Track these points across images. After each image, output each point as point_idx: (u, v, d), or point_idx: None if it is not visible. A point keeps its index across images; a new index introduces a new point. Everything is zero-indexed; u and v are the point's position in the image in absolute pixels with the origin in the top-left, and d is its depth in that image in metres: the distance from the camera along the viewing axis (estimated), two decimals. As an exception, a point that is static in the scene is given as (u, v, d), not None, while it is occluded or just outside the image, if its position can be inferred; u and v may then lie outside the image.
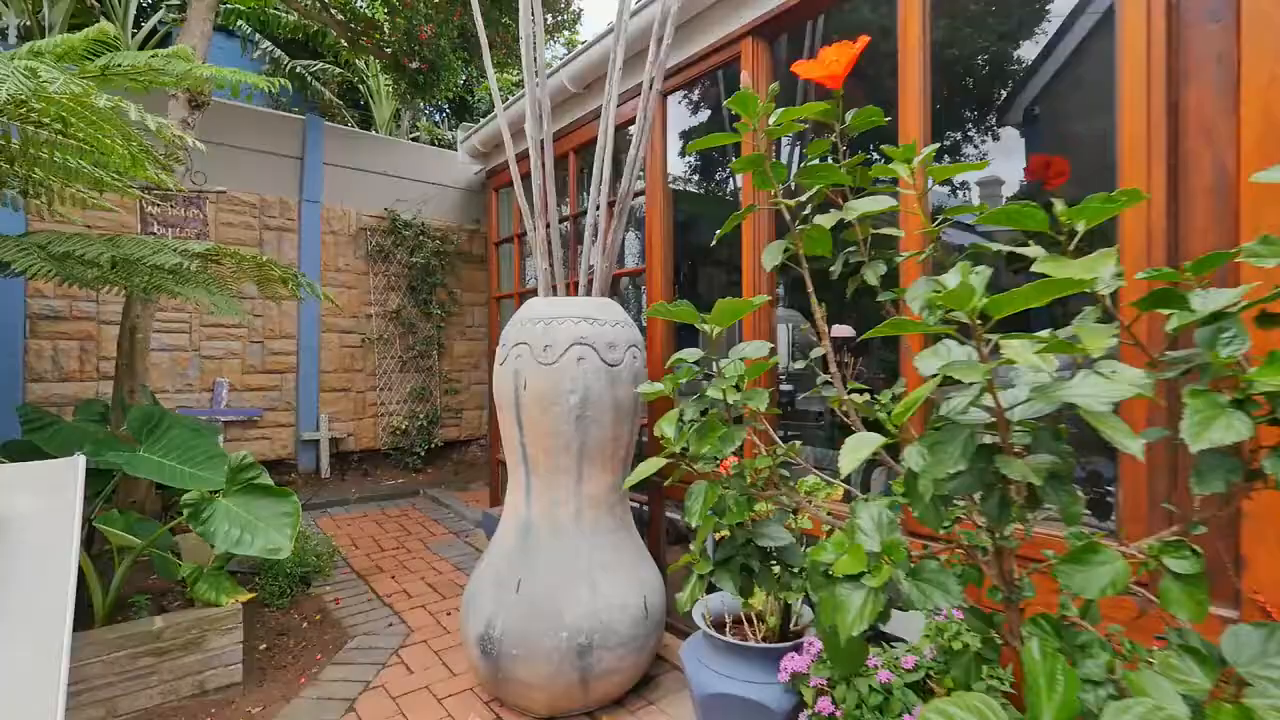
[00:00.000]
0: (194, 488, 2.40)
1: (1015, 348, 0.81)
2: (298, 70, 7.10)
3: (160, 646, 2.37)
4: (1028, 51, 4.05)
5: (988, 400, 0.89)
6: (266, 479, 2.43)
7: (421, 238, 6.34)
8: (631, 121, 3.23)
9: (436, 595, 3.49)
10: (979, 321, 0.78)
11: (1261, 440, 0.87)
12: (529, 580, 2.28)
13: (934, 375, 0.80)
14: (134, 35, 6.18)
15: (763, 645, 1.93)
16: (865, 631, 0.92)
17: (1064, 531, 1.09)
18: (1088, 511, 2.04)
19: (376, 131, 7.40)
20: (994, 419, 0.88)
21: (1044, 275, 0.77)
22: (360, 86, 7.45)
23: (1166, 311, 0.92)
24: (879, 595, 0.86)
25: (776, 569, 1.52)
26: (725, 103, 1.13)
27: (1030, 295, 0.73)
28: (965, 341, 0.85)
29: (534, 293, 2.74)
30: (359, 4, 5.26)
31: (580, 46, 3.43)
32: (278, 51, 7.38)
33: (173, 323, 5.10)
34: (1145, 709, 0.63)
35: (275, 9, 6.69)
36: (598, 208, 2.70)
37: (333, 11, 5.24)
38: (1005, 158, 4.37)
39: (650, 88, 2.70)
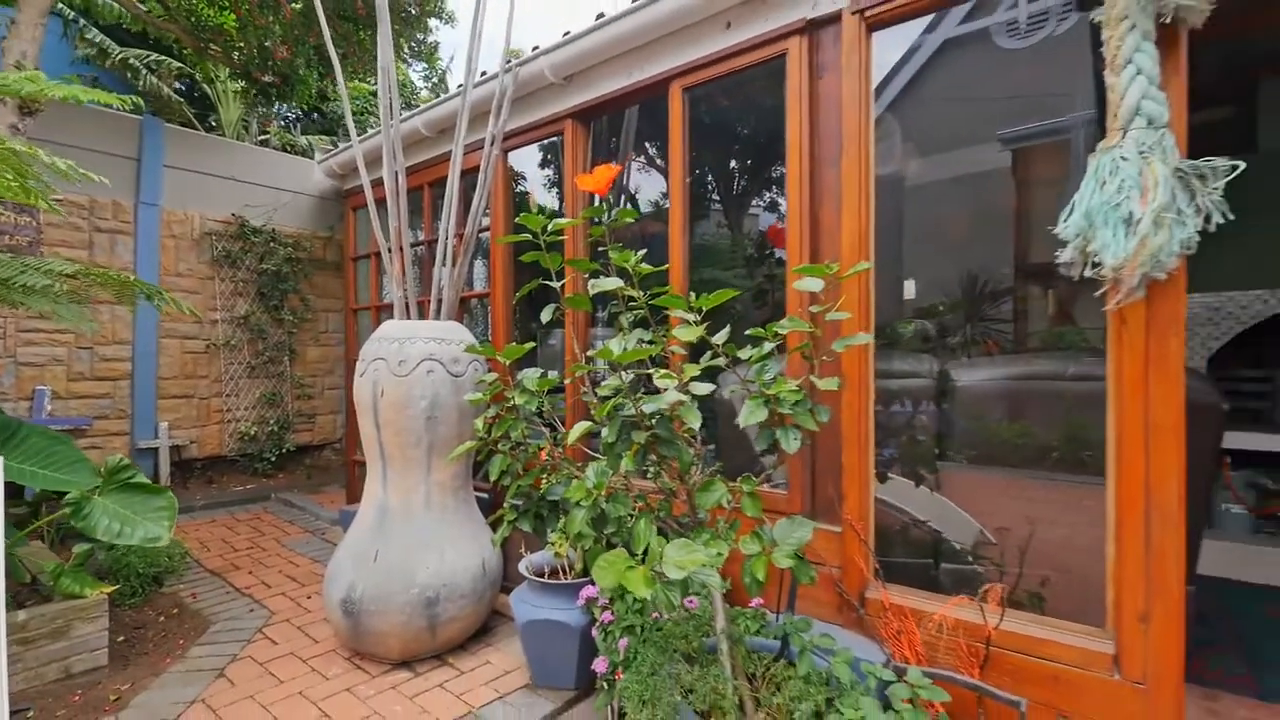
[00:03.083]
0: (59, 490, 2.63)
1: (657, 375, 1.57)
2: (130, 61, 6.76)
3: (25, 636, 2.58)
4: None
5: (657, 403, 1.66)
6: (142, 478, 2.72)
7: (272, 244, 6.38)
8: (478, 168, 3.82)
9: (296, 584, 3.83)
10: (620, 363, 1.53)
11: (783, 421, 1.70)
12: (386, 552, 2.80)
13: (611, 390, 1.54)
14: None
15: (567, 582, 2.63)
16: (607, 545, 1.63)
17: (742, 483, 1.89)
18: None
19: (223, 134, 7.21)
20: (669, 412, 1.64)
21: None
22: (206, 87, 7.22)
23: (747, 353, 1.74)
24: (591, 509, 1.58)
25: (564, 517, 2.22)
26: (517, 219, 1.80)
27: (632, 354, 1.48)
28: (616, 371, 1.60)
29: (389, 307, 3.20)
30: (206, 13, 5.26)
31: (433, 101, 3.95)
32: (100, 36, 6.93)
33: (-17, 328, 4.82)
34: (679, 545, 1.38)
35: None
36: (447, 235, 3.25)
37: (179, 20, 5.23)
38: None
39: (491, 145, 3.32)
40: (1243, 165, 1.55)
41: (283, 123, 8.57)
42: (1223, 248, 4.08)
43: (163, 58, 7.10)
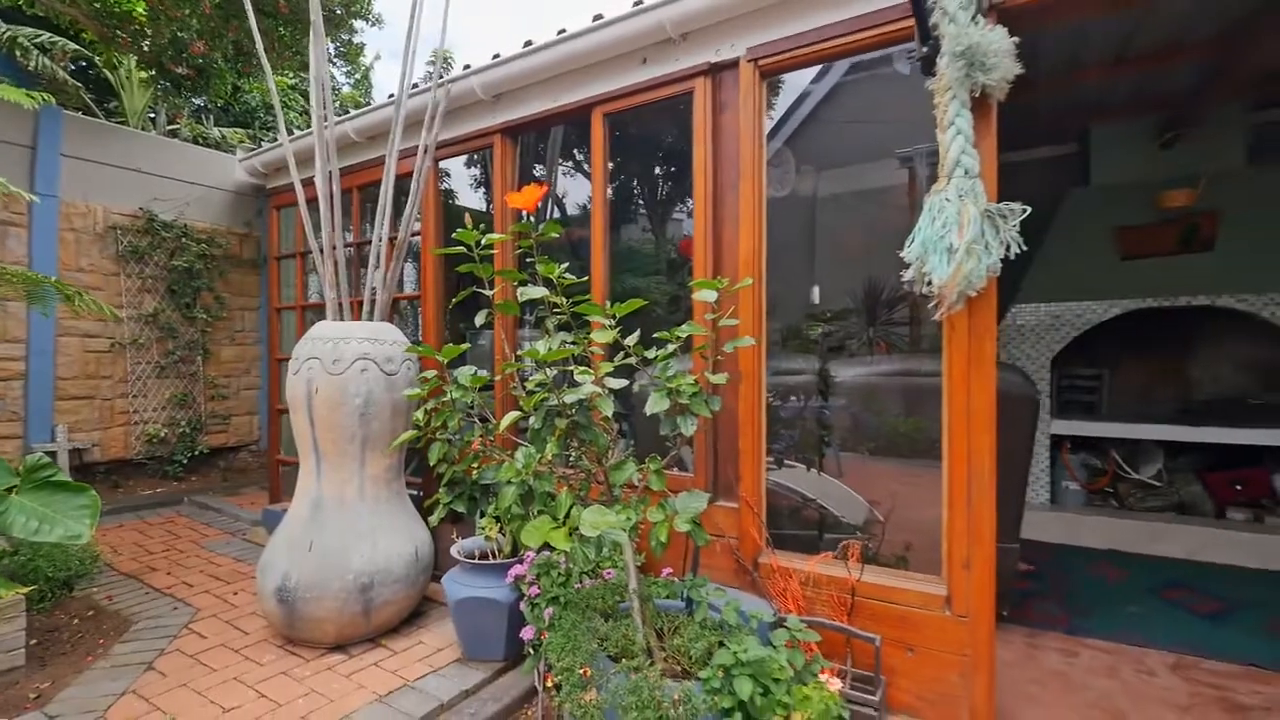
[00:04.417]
0: (-28, 490, 2.61)
1: (578, 372, 1.86)
2: (19, 39, 6.32)
3: (-62, 637, 2.55)
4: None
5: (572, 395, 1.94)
6: (63, 476, 2.72)
7: (184, 240, 6.18)
8: (410, 174, 3.96)
9: (221, 582, 3.84)
10: (546, 361, 1.81)
11: (683, 409, 2.03)
12: (320, 541, 2.94)
13: (538, 384, 1.81)
14: None
15: (497, 562, 2.87)
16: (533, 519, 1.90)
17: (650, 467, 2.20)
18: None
19: (128, 123, 6.87)
20: (567, 402, 1.93)
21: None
22: (108, 72, 6.85)
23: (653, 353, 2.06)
24: (520, 487, 1.84)
25: (496, 499, 2.47)
26: (454, 234, 2.05)
27: (556, 354, 1.76)
28: (543, 368, 1.88)
29: (315, 306, 3.30)
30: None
31: (366, 107, 4.06)
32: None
33: None
34: (594, 509, 1.67)
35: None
36: (380, 240, 3.40)
37: (81, 4, 5.02)
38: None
39: (424, 153, 3.49)
40: (1029, 209, 2.02)
41: (192, 110, 8.21)
42: (1061, 264, 4.80)
43: (57, 38, 6.69)
